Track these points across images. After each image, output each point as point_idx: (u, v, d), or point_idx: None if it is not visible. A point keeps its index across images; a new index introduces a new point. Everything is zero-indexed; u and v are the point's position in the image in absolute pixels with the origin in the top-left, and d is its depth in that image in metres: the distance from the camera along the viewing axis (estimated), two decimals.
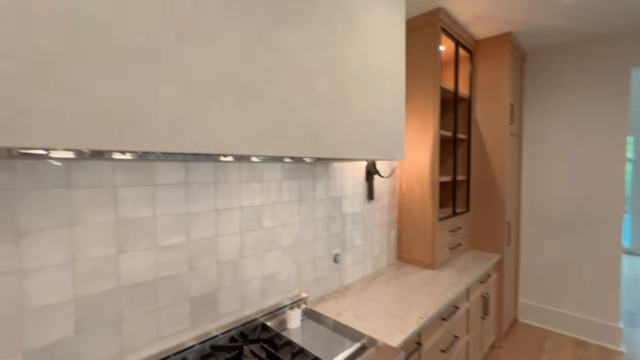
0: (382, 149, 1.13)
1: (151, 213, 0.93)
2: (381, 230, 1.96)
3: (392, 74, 1.17)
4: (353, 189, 1.71)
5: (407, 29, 2.01)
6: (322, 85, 0.88)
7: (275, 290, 1.32)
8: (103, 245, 0.85)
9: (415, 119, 2.00)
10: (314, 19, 0.85)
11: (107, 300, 0.86)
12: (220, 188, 1.10)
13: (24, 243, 0.73)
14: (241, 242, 1.18)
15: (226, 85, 0.66)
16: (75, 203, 0.80)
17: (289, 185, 1.35)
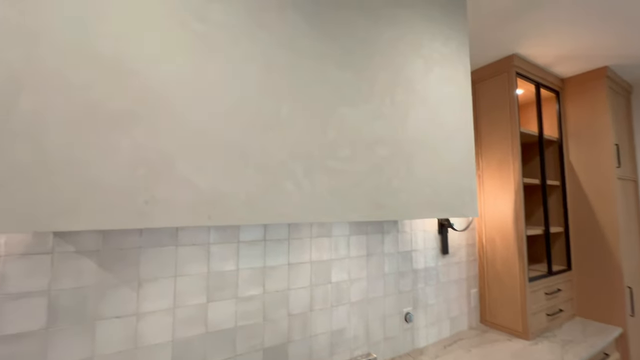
0: (451, 208, 1.10)
1: (235, 267, 1.07)
2: (459, 287, 1.80)
3: (459, 131, 1.17)
4: (424, 243, 1.65)
5: (477, 78, 1.99)
6: (384, 153, 0.94)
7: (343, 347, 1.31)
8: (197, 295, 1.00)
9: (493, 167, 1.88)
10: (373, 94, 0.94)
11: (196, 344, 0.99)
12: (293, 244, 1.20)
13: (142, 291, 0.92)
14: (310, 296, 1.23)
15: (295, 163, 0.77)
16: (179, 258, 0.98)
17: (357, 240, 1.39)
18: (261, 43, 0.74)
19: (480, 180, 1.94)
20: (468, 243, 1.89)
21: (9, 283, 0.76)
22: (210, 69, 0.67)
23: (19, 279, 0.77)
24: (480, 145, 1.96)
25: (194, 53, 0.65)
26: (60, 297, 0.81)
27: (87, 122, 0.53)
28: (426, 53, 1.10)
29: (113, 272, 0.88)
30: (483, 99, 1.96)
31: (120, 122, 0.56)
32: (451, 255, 1.78)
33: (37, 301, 0.79)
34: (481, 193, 1.93)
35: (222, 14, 0.69)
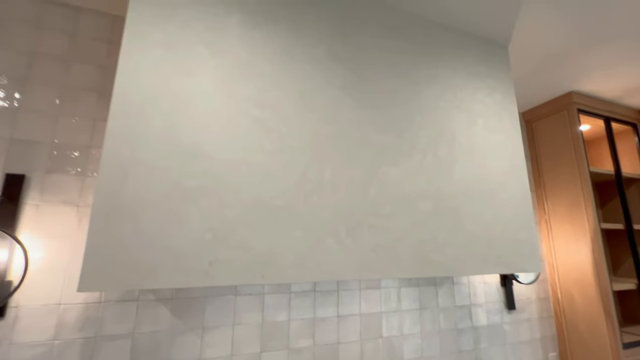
0: (508, 262, 1.04)
1: (286, 317, 1.12)
2: (533, 350, 1.59)
3: (510, 180, 1.13)
4: (486, 296, 1.53)
5: (533, 117, 1.91)
6: (427, 207, 0.95)
7: None
8: (252, 344, 1.06)
9: (562, 211, 1.71)
10: (415, 152, 0.98)
11: None
12: (342, 295, 1.23)
13: (205, 337, 1.01)
14: (361, 351, 1.21)
15: (338, 222, 0.83)
16: (238, 307, 1.07)
17: (408, 292, 1.35)
18: (308, 119, 0.86)
19: (547, 226, 1.77)
20: (539, 297, 1.68)
21: (105, 326, 0.91)
22: (264, 145, 0.79)
23: (113, 323, 0.92)
24: (544, 188, 1.82)
25: (252, 134, 0.79)
26: (140, 340, 0.94)
27: (169, 198, 0.67)
28: (468, 106, 1.13)
29: (182, 319, 0.99)
30: (542, 138, 1.86)
31: (192, 196, 0.69)
32: (519, 311, 1.60)
33: (123, 343, 0.92)
34: (549, 240, 1.75)
35: (275, 100, 0.83)
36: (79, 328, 0.89)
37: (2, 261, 0.83)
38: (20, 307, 0.85)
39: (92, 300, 0.91)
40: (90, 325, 0.90)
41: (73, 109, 1.00)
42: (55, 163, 0.95)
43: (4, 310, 0.83)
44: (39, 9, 1.03)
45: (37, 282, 0.87)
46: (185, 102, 0.74)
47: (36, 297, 0.87)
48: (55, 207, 0.92)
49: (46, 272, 0.89)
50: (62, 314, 0.88)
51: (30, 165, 0.92)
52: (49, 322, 0.87)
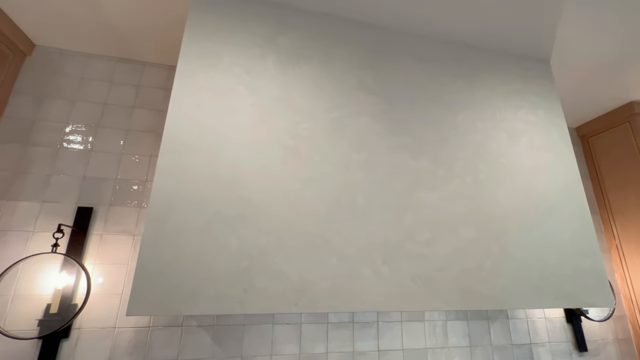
0: (569, 295, 0.92)
1: (324, 350, 1.09)
2: None
3: (565, 200, 1.03)
4: (549, 335, 1.35)
5: (588, 132, 1.75)
6: (469, 233, 0.90)
7: None
8: None
9: (636, 235, 1.50)
10: (453, 176, 0.95)
11: None
12: (382, 328, 1.17)
13: None
14: None
15: (373, 250, 0.81)
16: (275, 336, 1.06)
17: (456, 326, 1.24)
18: (339, 148, 0.88)
19: (619, 253, 1.56)
20: (618, 337, 1.45)
21: (152, 351, 0.96)
22: (298, 174, 0.82)
23: (159, 348, 0.97)
24: (610, 209, 1.62)
25: (286, 163, 0.82)
26: None
27: (210, 227, 0.72)
28: (509, 126, 1.08)
29: (222, 346, 1.01)
30: (602, 153, 1.68)
31: (231, 224, 0.73)
32: (592, 354, 1.38)
33: None
34: (623, 269, 1.53)
35: (308, 130, 0.87)
36: (129, 352, 0.95)
37: (70, 285, 0.93)
38: (82, 329, 0.93)
39: (142, 324, 0.97)
40: (140, 349, 0.95)
41: (134, 148, 1.14)
42: (118, 196, 1.07)
43: (68, 332, 0.91)
44: (113, 66, 1.21)
45: (98, 306, 0.96)
46: (225, 137, 0.80)
47: (96, 320, 0.95)
48: (115, 237, 1.03)
49: (106, 297, 0.97)
50: (116, 337, 0.95)
51: (98, 199, 1.05)
52: (105, 345, 0.93)
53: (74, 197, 1.03)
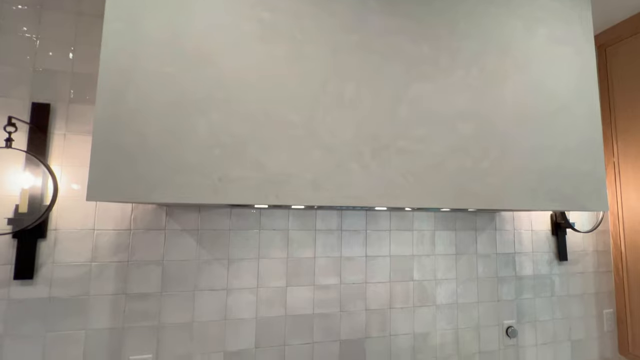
0: (565, 197, 0.89)
1: (312, 254, 1.10)
2: (585, 305, 1.44)
3: (576, 102, 0.94)
4: (533, 245, 1.38)
5: (607, 40, 1.57)
6: (468, 131, 0.82)
7: (428, 354, 1.20)
8: (277, 278, 1.06)
9: (634, 155, 1.45)
10: (456, 66, 0.83)
11: (277, 325, 1.05)
12: (370, 236, 1.16)
13: (231, 269, 1.02)
14: (390, 292, 1.17)
15: (362, 143, 0.73)
16: (262, 241, 1.05)
17: (444, 236, 1.25)
18: (328, 26, 0.74)
19: (615, 170, 1.52)
20: (597, 249, 1.50)
21: (136, 253, 0.95)
22: (277, 54, 0.70)
23: (143, 250, 0.95)
24: (615, 125, 1.54)
25: (262, 41, 0.70)
26: (169, 268, 0.97)
27: (175, 109, 0.63)
28: (526, 12, 0.92)
29: (208, 249, 1.00)
30: (619, 65, 1.54)
31: (199, 108, 0.64)
32: (571, 263, 1.44)
33: (154, 269, 0.96)
34: (616, 186, 1.51)
35: (288, 2, 0.72)
36: (112, 252, 0.93)
37: (37, 187, 0.87)
38: (60, 230, 0.90)
39: (122, 227, 0.94)
40: (123, 250, 0.94)
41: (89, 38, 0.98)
42: (78, 93, 0.95)
43: (45, 232, 0.88)
44: None
45: (72, 208, 0.91)
46: (188, 5, 0.66)
47: (73, 221, 0.91)
48: (82, 137, 0.94)
49: (80, 199, 0.92)
50: (96, 239, 0.92)
51: (54, 95, 0.93)
52: (86, 245, 0.91)
53: (26, 91, 0.91)
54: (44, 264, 0.88)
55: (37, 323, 0.87)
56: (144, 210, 0.97)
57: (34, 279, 0.87)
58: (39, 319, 0.87)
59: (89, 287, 0.91)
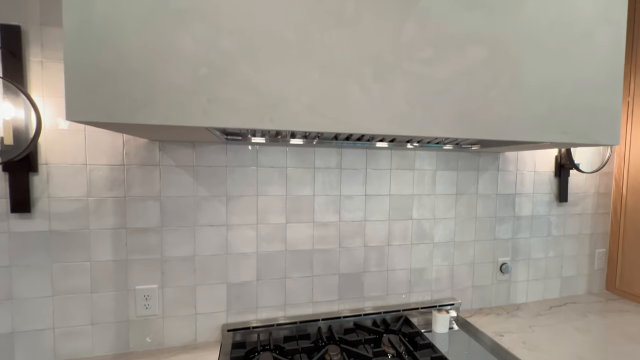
0: (575, 129, 0.84)
1: (311, 192, 1.09)
2: (579, 244, 1.48)
3: (600, 27, 0.85)
4: (534, 187, 1.37)
5: None
6: (479, 54, 0.75)
7: (423, 287, 1.25)
8: (276, 215, 1.06)
9: None
10: None
11: (277, 260, 1.07)
12: (370, 174, 1.14)
13: (230, 205, 1.02)
14: (388, 230, 1.18)
15: (363, 64, 0.67)
16: (260, 179, 1.04)
17: (445, 176, 1.23)
18: None
19: (628, 109, 1.45)
20: (599, 191, 1.49)
21: (132, 188, 0.93)
22: None
23: (139, 186, 0.94)
24: (635, 62, 1.43)
25: None
26: (167, 203, 0.96)
27: (154, 21, 0.56)
28: None
29: (205, 186, 0.99)
30: None
31: (181, 19, 0.57)
32: (571, 205, 1.44)
33: (152, 204, 0.95)
34: (626, 127, 1.46)
35: None
36: (108, 188, 0.92)
37: (20, 119, 0.83)
38: (51, 164, 0.87)
39: (115, 162, 0.92)
40: (118, 186, 0.93)
41: None
42: (48, 14, 0.86)
43: (36, 166, 0.86)
44: None
45: (61, 141, 0.88)
46: None
47: (63, 155, 0.88)
48: (60, 65, 0.87)
49: (67, 132, 0.88)
50: (90, 174, 0.90)
51: (23, 15, 0.84)
52: (80, 180, 0.90)
53: None
54: (40, 199, 0.87)
55: (41, 255, 0.88)
56: (137, 145, 0.93)
57: (31, 212, 0.87)
58: (43, 251, 0.88)
59: (88, 222, 0.91)
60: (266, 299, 1.07)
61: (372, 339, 1.04)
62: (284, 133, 0.95)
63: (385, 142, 1.06)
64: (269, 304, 1.08)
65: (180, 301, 1.00)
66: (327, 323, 1.11)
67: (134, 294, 0.96)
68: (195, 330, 1.02)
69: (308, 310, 1.12)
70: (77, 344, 0.93)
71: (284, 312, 1.09)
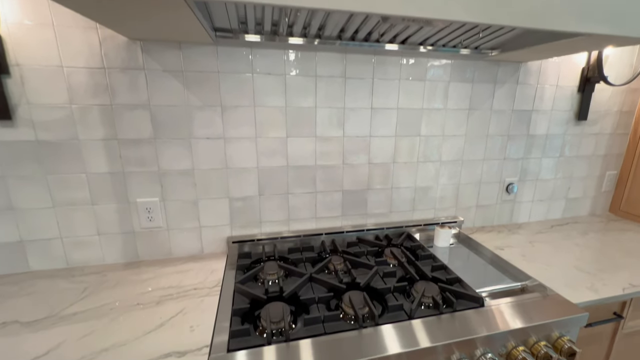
0: (617, 18, 0.72)
1: (312, 104, 1.01)
2: (590, 166, 1.43)
3: None
4: (554, 102, 1.27)
5: None
6: None
7: (427, 205, 1.24)
8: (276, 128, 1.00)
9: None
10: None
11: (279, 175, 1.04)
12: (378, 85, 1.05)
13: (225, 116, 0.95)
14: (394, 147, 1.13)
15: None
16: (257, 87, 0.95)
17: (458, 88, 1.13)
18: None
19: None
20: (622, 110, 1.39)
21: (118, 95, 0.86)
22: None
23: (125, 92, 0.86)
24: None
25: None
26: (158, 113, 0.90)
27: None
28: None
29: (197, 95, 0.91)
30: None
31: None
32: (590, 123, 1.35)
33: (142, 114, 0.89)
34: None
35: None
36: (91, 94, 0.84)
37: None
38: (22, 66, 0.79)
39: (94, 65, 0.83)
40: (102, 92, 0.85)
41: None
42: None
43: (6, 67, 0.77)
44: None
45: (27, 39, 0.78)
46: None
47: (34, 56, 0.79)
48: None
49: (31, 28, 0.78)
50: (68, 78, 0.82)
51: None
52: (59, 86, 0.82)
53: None
54: (19, 105, 0.81)
55: (33, 166, 0.85)
56: (115, 45, 0.83)
57: (13, 120, 0.81)
58: (34, 162, 0.85)
59: (76, 131, 0.86)
60: (269, 214, 1.07)
61: (375, 251, 1.07)
62: (281, 29, 0.83)
63: (395, 44, 0.94)
64: (273, 219, 1.08)
65: (183, 214, 1.00)
66: (330, 237, 1.13)
67: (135, 207, 0.95)
68: (201, 242, 1.04)
69: (311, 225, 1.13)
70: (88, 253, 0.96)
71: (287, 227, 1.10)
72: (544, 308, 0.78)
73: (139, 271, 0.94)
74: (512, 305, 0.79)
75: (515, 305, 0.79)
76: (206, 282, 0.89)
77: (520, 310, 0.77)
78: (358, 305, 0.76)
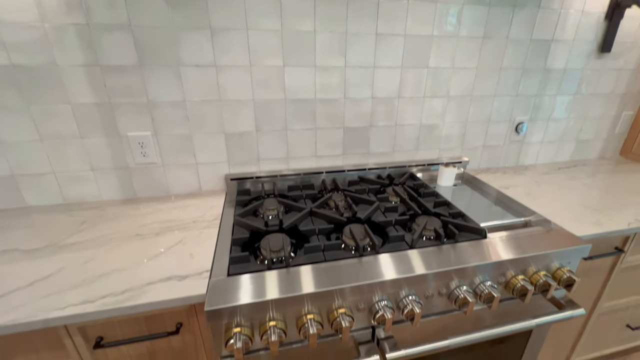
0: None
1: (311, 27, 0.91)
2: (607, 105, 1.35)
3: None
4: (577, 31, 1.15)
5: None
6: None
7: (432, 144, 1.19)
8: (272, 55, 0.91)
9: None
10: None
11: (276, 108, 0.98)
12: (384, 7, 0.94)
13: (215, 40, 0.86)
14: (400, 80, 1.05)
15: None
16: (248, 7, 0.85)
17: (473, 12, 1.02)
18: None
19: None
20: None
21: (94, 14, 0.77)
22: None
23: (100, 9, 0.77)
24: None
25: None
26: (140, 35, 0.81)
27: None
28: None
29: (182, 14, 0.82)
30: None
31: None
32: (613, 57, 1.25)
33: (123, 36, 0.81)
34: None
35: None
36: (64, 12, 0.76)
37: None
38: None
39: None
40: (76, 10, 0.76)
41: None
42: None
43: None
44: None
45: None
46: None
47: None
48: None
49: None
50: None
51: None
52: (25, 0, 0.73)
53: None
54: None
55: (12, 93, 0.80)
56: None
57: None
58: (13, 89, 0.79)
59: (53, 55, 0.78)
60: (267, 151, 1.03)
61: (376, 189, 1.04)
62: None
63: None
64: (271, 156, 1.04)
65: (178, 150, 0.96)
66: (331, 176, 1.10)
67: (127, 141, 0.91)
68: (198, 179, 1.02)
69: (311, 164, 1.09)
70: (83, 188, 0.94)
71: (287, 165, 1.07)
72: (546, 240, 0.77)
73: (137, 206, 0.93)
74: (514, 237, 0.78)
75: (518, 237, 0.78)
76: (205, 216, 0.88)
77: (522, 242, 0.76)
78: (359, 236, 0.75)
